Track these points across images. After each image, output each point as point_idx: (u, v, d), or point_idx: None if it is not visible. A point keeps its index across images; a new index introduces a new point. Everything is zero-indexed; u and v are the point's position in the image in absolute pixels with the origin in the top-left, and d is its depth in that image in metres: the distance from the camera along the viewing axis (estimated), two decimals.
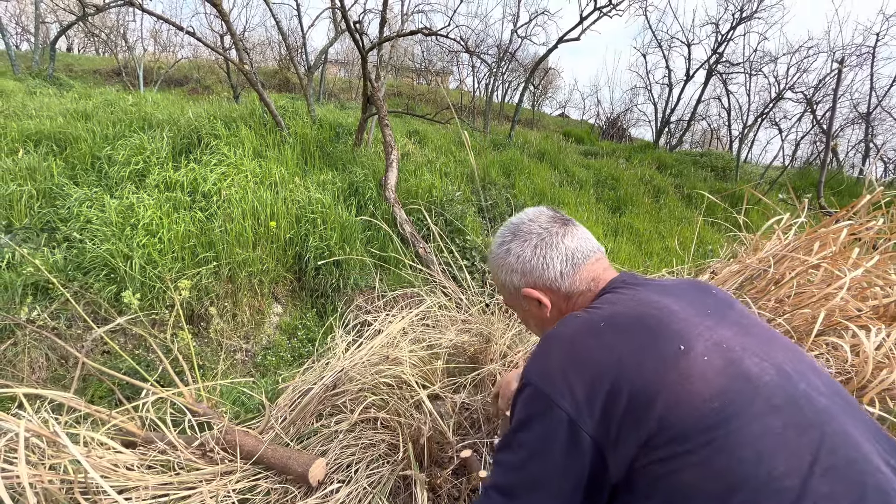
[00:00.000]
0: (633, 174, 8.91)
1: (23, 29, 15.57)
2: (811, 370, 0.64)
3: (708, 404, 0.57)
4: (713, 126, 16.90)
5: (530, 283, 0.86)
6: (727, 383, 0.58)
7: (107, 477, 1.13)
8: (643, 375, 0.60)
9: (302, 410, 1.50)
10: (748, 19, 11.46)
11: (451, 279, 2.58)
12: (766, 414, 0.56)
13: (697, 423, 0.56)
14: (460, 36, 8.51)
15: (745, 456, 0.53)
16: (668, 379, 0.59)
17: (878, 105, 11.02)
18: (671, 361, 0.61)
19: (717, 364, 0.60)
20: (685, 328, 0.65)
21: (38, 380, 2.54)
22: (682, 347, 0.62)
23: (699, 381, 0.58)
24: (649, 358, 0.62)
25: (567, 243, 0.84)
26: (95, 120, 5.06)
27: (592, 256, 0.84)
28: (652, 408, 0.58)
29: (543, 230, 0.86)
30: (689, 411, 0.57)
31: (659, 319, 0.67)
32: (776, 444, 0.54)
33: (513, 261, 0.87)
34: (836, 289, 1.43)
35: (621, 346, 0.65)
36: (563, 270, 0.83)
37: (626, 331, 0.67)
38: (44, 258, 2.97)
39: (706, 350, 0.62)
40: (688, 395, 0.58)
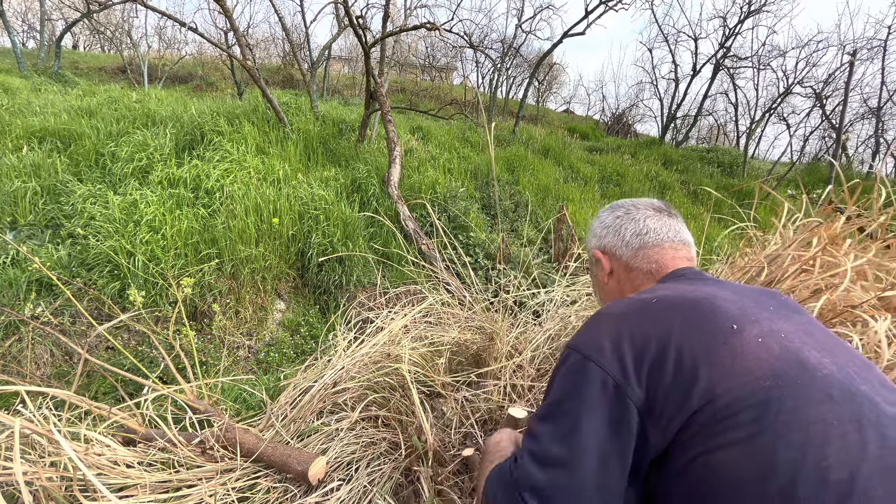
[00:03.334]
0: (638, 170, 8.83)
1: (29, 26, 15.65)
2: (878, 380, 0.59)
3: (760, 382, 0.54)
4: (720, 122, 16.74)
5: (600, 245, 0.91)
6: (782, 366, 0.56)
7: (105, 474, 1.12)
8: (693, 347, 0.58)
9: (303, 408, 1.49)
10: (756, 12, 11.30)
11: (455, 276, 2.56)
12: (823, 402, 0.53)
13: (746, 398, 0.53)
14: (464, 31, 8.45)
15: (794, 439, 0.50)
16: (718, 353, 0.57)
17: (889, 99, 10.84)
18: (722, 337, 0.59)
19: (772, 347, 0.58)
20: (740, 314, 0.63)
21: (42, 376, 2.55)
22: (735, 327, 0.60)
23: (752, 359, 0.56)
24: (700, 332, 0.60)
25: (648, 223, 0.86)
26: (99, 117, 5.07)
27: (668, 243, 0.85)
28: (699, 379, 0.56)
29: (634, 208, 0.90)
30: (739, 386, 0.54)
31: (713, 304, 0.65)
32: (829, 434, 0.50)
33: (596, 225, 0.95)
34: (833, 276, 1.41)
35: (672, 320, 0.63)
36: (629, 240, 0.86)
37: (678, 309, 0.65)
38: (48, 254, 2.97)
39: (762, 333, 0.60)
40: (739, 370, 0.56)
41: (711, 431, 0.54)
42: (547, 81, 16.51)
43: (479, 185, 5.85)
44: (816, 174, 10.42)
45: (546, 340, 1.81)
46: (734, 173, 10.71)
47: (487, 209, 5.36)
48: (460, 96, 13.87)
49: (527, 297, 2.34)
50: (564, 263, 3.08)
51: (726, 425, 0.53)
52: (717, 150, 12.44)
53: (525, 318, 2.08)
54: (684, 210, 7.48)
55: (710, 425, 0.54)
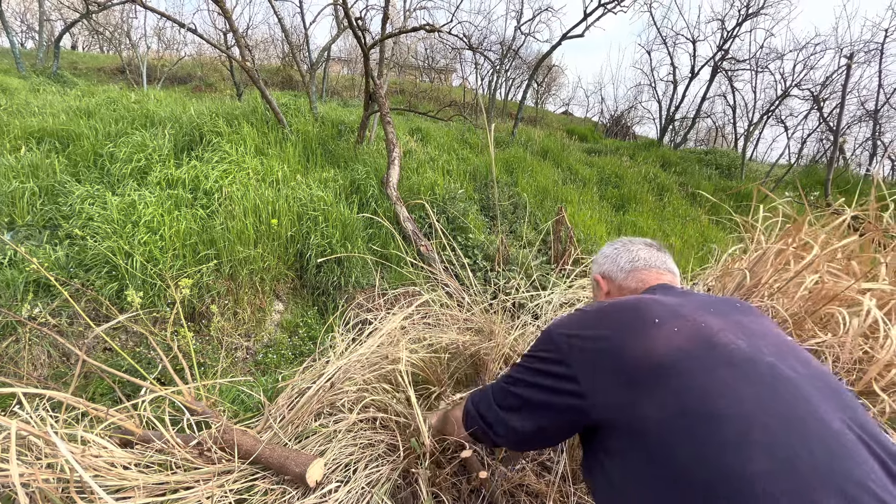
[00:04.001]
0: (636, 172, 8.85)
1: (27, 27, 15.64)
2: (793, 355, 0.71)
3: (664, 357, 0.69)
4: (718, 124, 16.80)
5: (600, 271, 1.12)
6: (687, 345, 0.70)
7: (101, 476, 1.11)
8: (622, 337, 0.76)
9: (301, 410, 1.48)
10: (754, 15, 11.36)
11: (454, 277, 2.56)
12: (719, 367, 0.66)
13: (653, 368, 0.69)
14: (463, 33, 8.47)
15: (692, 395, 0.64)
16: (638, 339, 0.74)
17: (886, 102, 10.88)
18: (645, 328, 0.75)
19: (684, 334, 0.72)
20: (670, 313, 0.78)
21: (39, 377, 2.54)
22: (657, 321, 0.76)
23: (662, 342, 0.72)
24: (630, 326, 0.78)
25: (640, 253, 1.07)
26: (98, 117, 5.07)
27: (654, 268, 1.04)
28: (622, 358, 0.73)
29: (630, 242, 1.11)
30: (648, 361, 0.70)
31: (649, 306, 0.81)
32: (721, 388, 0.63)
33: (599, 255, 1.15)
34: (810, 267, 1.43)
35: (615, 320, 0.81)
36: (623, 266, 1.06)
37: (622, 311, 0.83)
38: (46, 255, 2.97)
39: (681, 326, 0.74)
40: (650, 350, 0.71)
41: (631, 397, 0.69)
42: (546, 83, 16.54)
43: (477, 187, 5.86)
44: (814, 176, 10.46)
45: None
46: (732, 175, 10.74)
47: (486, 211, 5.37)
48: (459, 98, 13.89)
49: (525, 299, 2.34)
50: (563, 265, 3.09)
51: (641, 388, 0.68)
52: (715, 152, 12.48)
53: (524, 320, 2.08)
54: (682, 212, 7.50)
55: (629, 392, 0.70)
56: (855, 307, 1.36)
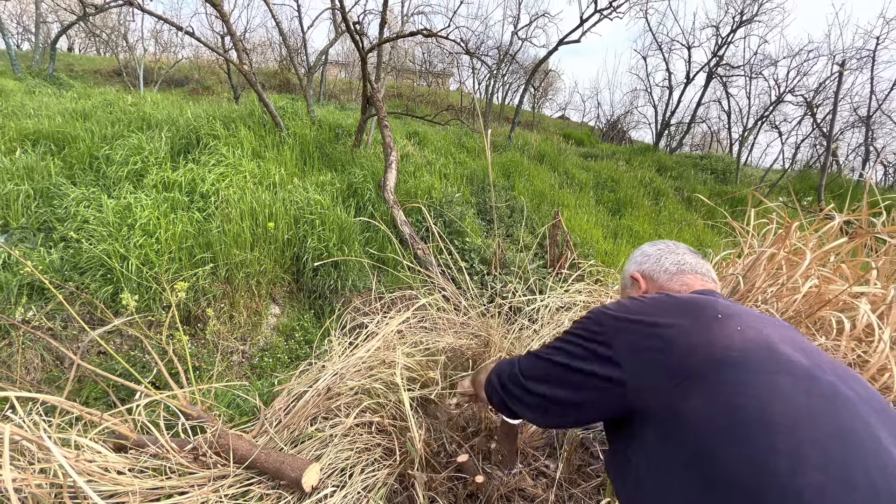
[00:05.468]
0: (632, 177, 8.90)
1: (24, 29, 15.58)
2: (850, 376, 0.67)
3: (727, 351, 0.66)
4: (713, 129, 16.92)
5: (640, 269, 1.06)
6: (749, 346, 0.67)
7: (95, 481, 1.10)
8: (681, 326, 0.72)
9: (296, 414, 1.48)
10: (748, 22, 11.48)
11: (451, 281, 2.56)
12: (780, 374, 0.63)
13: (711, 361, 0.65)
14: (460, 37, 8.51)
15: (747, 394, 0.60)
16: (699, 329, 0.70)
17: (879, 108, 11.01)
18: (707, 321, 0.72)
19: (747, 335, 0.69)
20: (729, 312, 0.74)
21: (32, 381, 2.52)
22: (720, 316, 0.72)
23: (724, 337, 0.68)
24: (691, 316, 0.74)
25: (686, 258, 1.03)
26: (94, 120, 5.05)
27: (699, 273, 1.00)
28: (678, 346, 0.69)
29: (675, 245, 1.07)
30: (707, 352, 0.66)
31: (711, 302, 0.78)
32: (780, 395, 0.60)
33: (638, 254, 1.10)
34: (804, 272, 1.44)
35: (675, 309, 0.77)
36: (668, 267, 1.02)
37: (682, 302, 0.79)
38: (40, 258, 2.95)
39: (743, 326, 0.70)
40: (711, 342, 0.68)
41: (677, 383, 0.66)
42: (542, 88, 16.64)
43: (474, 191, 5.88)
44: (808, 181, 10.55)
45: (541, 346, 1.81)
46: (727, 180, 10.82)
47: (483, 214, 5.38)
48: (457, 102, 13.94)
49: (522, 303, 2.35)
50: (559, 269, 3.10)
51: (688, 377, 0.65)
52: (710, 157, 12.58)
53: (520, 324, 2.09)
54: (678, 216, 7.54)
55: (674, 378, 0.66)
56: (848, 311, 1.37)
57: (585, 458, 1.49)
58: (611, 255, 5.20)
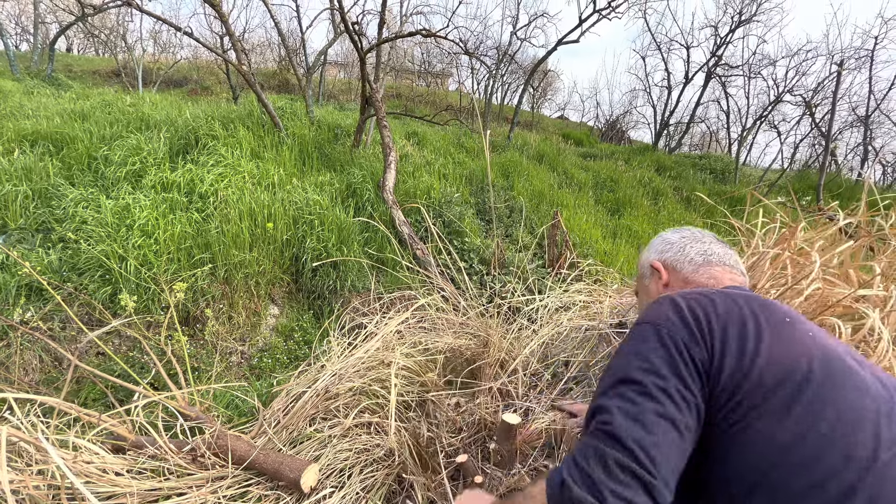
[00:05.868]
0: (632, 176, 8.91)
1: (22, 29, 15.57)
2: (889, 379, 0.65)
3: (805, 364, 0.61)
4: (712, 129, 16.95)
5: (661, 258, 0.97)
6: (828, 358, 0.62)
7: (93, 483, 1.10)
8: (754, 326, 0.66)
9: (295, 415, 1.48)
10: (747, 22, 11.50)
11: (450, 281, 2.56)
12: (860, 391, 0.59)
13: (788, 375, 0.60)
14: (459, 38, 8.52)
15: (827, 417, 0.56)
16: (772, 334, 0.65)
17: (877, 108, 11.04)
18: (780, 325, 0.66)
19: (820, 343, 0.64)
20: (790, 312, 0.70)
21: (30, 382, 2.51)
22: (788, 320, 0.67)
23: (799, 345, 0.63)
24: (756, 318, 0.67)
25: (712, 247, 0.94)
26: (93, 120, 5.04)
27: (728, 266, 0.91)
28: (753, 353, 0.63)
29: (700, 233, 0.98)
30: (785, 364, 0.61)
31: (767, 301, 0.73)
32: (861, 419, 0.56)
33: (657, 241, 1.00)
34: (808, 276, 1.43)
35: (730, 306, 0.70)
36: (693, 257, 0.92)
37: (735, 300, 0.72)
38: (38, 258, 2.94)
39: (814, 332, 0.66)
40: (788, 351, 0.62)
41: (755, 399, 0.60)
42: (542, 88, 16.64)
43: (474, 191, 5.87)
44: (806, 181, 10.57)
45: (540, 346, 1.81)
46: (726, 180, 10.83)
47: (482, 214, 5.38)
48: (456, 102, 13.94)
49: (521, 303, 2.34)
50: (559, 269, 3.09)
51: (768, 396, 0.59)
52: (709, 157, 12.59)
53: (519, 324, 2.09)
54: (677, 216, 7.55)
55: (754, 395, 0.60)
56: (847, 315, 1.36)
57: None
58: (610, 254, 5.20)
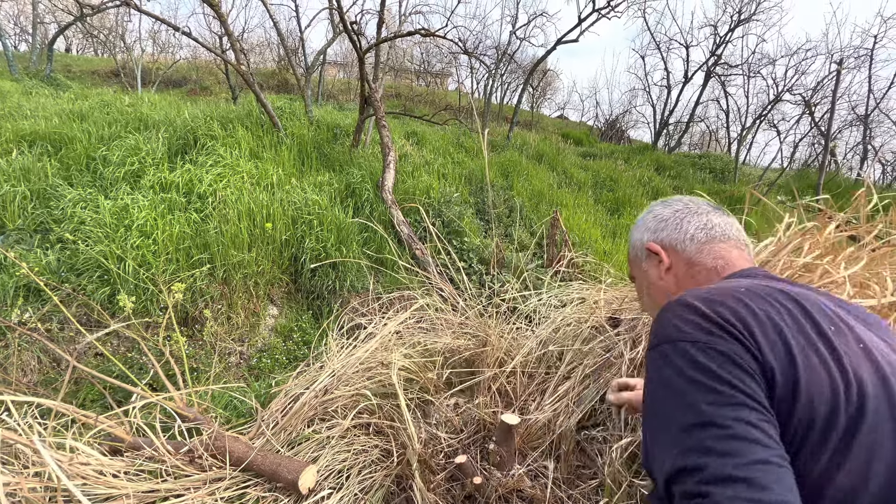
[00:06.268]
0: (631, 176, 8.90)
1: (21, 29, 15.55)
2: None
3: (858, 388, 0.50)
4: (712, 128, 16.95)
5: (657, 239, 0.83)
6: (874, 377, 0.51)
7: (89, 485, 1.10)
8: (787, 342, 0.53)
9: (294, 416, 1.47)
10: (746, 21, 11.49)
11: (448, 281, 2.56)
12: None
13: (841, 407, 0.49)
14: (459, 37, 8.51)
15: (886, 452, 0.47)
16: (815, 353, 0.53)
17: (877, 107, 11.04)
18: (822, 337, 0.54)
19: (874, 358, 0.53)
20: (836, 316, 0.58)
21: (29, 383, 2.50)
22: (833, 329, 0.55)
23: (850, 368, 0.51)
24: (797, 327, 0.55)
25: (712, 218, 0.81)
26: (91, 120, 5.03)
27: (732, 241, 0.79)
28: (796, 374, 0.51)
29: (692, 202, 0.84)
30: (834, 393, 0.50)
31: (807, 298, 0.59)
32: None
33: (649, 218, 0.86)
34: (827, 285, 1.42)
35: (766, 309, 0.56)
36: (694, 234, 0.79)
37: (770, 300, 0.58)
38: (36, 259, 2.93)
39: (860, 339, 0.55)
40: (836, 374, 0.51)
41: (802, 434, 0.50)
42: (541, 87, 16.64)
43: (473, 191, 5.87)
44: (806, 180, 10.57)
45: (538, 346, 1.81)
46: (726, 179, 10.82)
47: (481, 214, 5.37)
48: (455, 102, 13.93)
49: (519, 303, 2.34)
50: (557, 268, 3.09)
51: (822, 437, 0.49)
52: (708, 156, 12.58)
53: (518, 324, 2.08)
54: None
55: (802, 426, 0.50)
56: None
57: (583, 460, 1.49)
58: (610, 254, 5.20)
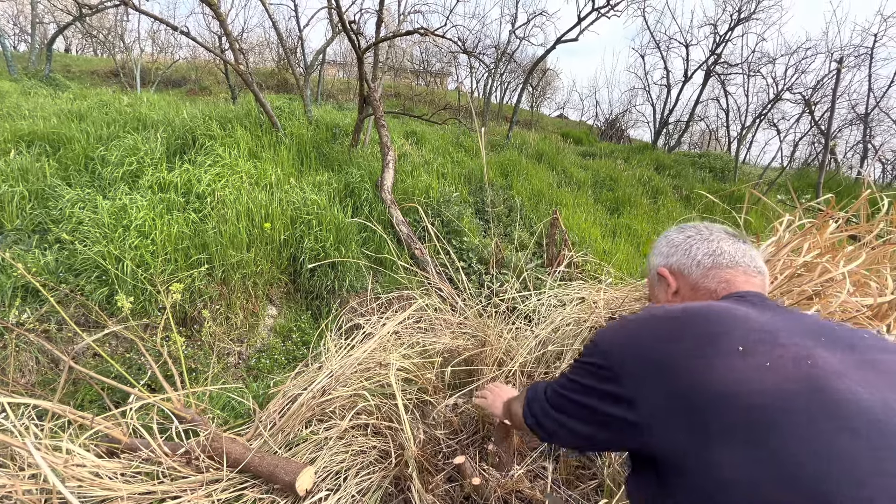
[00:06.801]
0: (631, 175, 8.89)
1: (20, 30, 15.53)
2: None
3: (747, 401, 0.54)
4: (711, 127, 16.94)
5: (667, 263, 0.89)
6: (790, 392, 0.54)
7: (85, 486, 1.09)
8: (693, 362, 0.60)
9: (291, 417, 1.47)
10: (746, 20, 11.48)
11: (447, 281, 2.55)
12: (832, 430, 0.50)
13: (733, 414, 0.54)
14: (458, 36, 8.50)
15: (791, 465, 0.49)
16: (714, 369, 0.58)
17: (877, 106, 11.02)
18: (724, 356, 0.59)
19: (781, 372, 0.56)
20: (762, 337, 0.61)
21: (27, 384, 2.50)
22: (741, 349, 0.59)
23: (745, 380, 0.56)
24: (704, 348, 0.61)
25: (722, 245, 0.84)
26: (90, 120, 5.02)
27: (741, 267, 0.82)
28: (692, 391, 0.58)
29: (706, 229, 0.89)
30: (725, 402, 0.55)
31: (736, 324, 0.64)
32: (836, 463, 0.48)
33: (663, 243, 0.93)
34: (826, 283, 1.41)
35: (689, 335, 0.64)
36: (701, 260, 0.84)
37: (698, 324, 0.65)
38: (34, 260, 2.93)
39: (776, 360, 0.57)
40: (728, 388, 0.56)
41: (697, 439, 0.56)
42: (541, 87, 16.62)
43: (472, 190, 5.86)
44: (806, 179, 10.56)
45: (537, 346, 1.80)
46: (726, 178, 10.81)
47: (481, 214, 5.37)
48: (454, 101, 13.92)
49: (519, 302, 2.33)
50: (557, 268, 3.08)
51: (708, 433, 0.55)
52: (708, 155, 12.57)
53: (517, 324, 2.08)
54: (676, 214, 7.54)
55: (694, 432, 0.56)
56: None
57: (583, 461, 1.48)
58: (609, 254, 5.19)
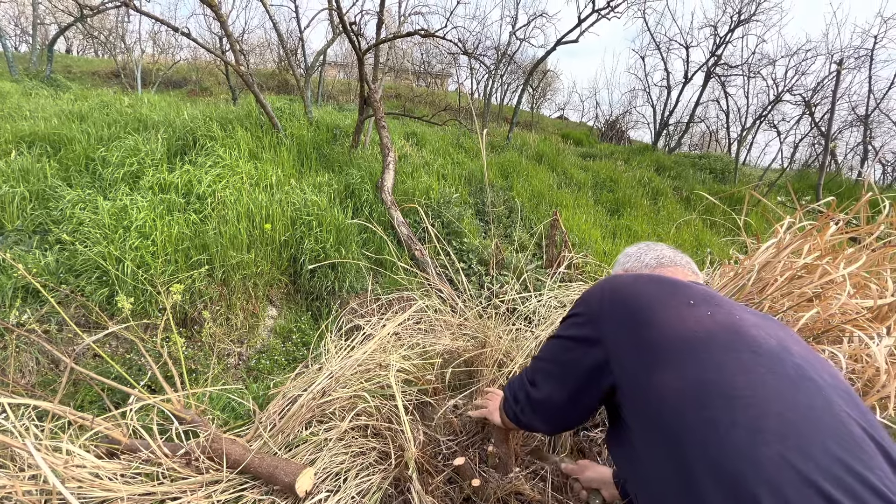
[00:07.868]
0: (631, 176, 8.89)
1: (21, 30, 15.57)
2: (821, 365, 0.70)
3: (692, 333, 0.71)
4: (712, 128, 16.94)
5: (623, 268, 1.13)
6: (717, 329, 0.71)
7: (84, 487, 1.09)
8: (654, 305, 0.78)
9: (291, 418, 1.46)
10: (746, 21, 11.49)
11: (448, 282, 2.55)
12: (744, 352, 0.67)
13: (678, 342, 0.71)
14: (458, 38, 8.51)
15: (711, 370, 0.65)
16: (670, 311, 0.76)
17: (877, 107, 11.02)
18: (679, 306, 0.77)
19: (717, 319, 0.73)
20: (704, 299, 0.78)
21: (27, 384, 2.50)
22: (692, 302, 0.77)
23: (693, 320, 0.73)
24: (664, 297, 0.80)
25: (664, 252, 1.09)
26: (90, 121, 5.03)
27: (679, 266, 1.06)
28: (650, 325, 0.75)
29: (654, 244, 1.13)
30: (675, 333, 0.72)
31: (683, 286, 0.83)
32: (742, 371, 0.64)
33: (621, 256, 1.17)
34: (826, 285, 1.41)
35: (652, 288, 0.83)
36: (648, 262, 1.08)
37: (660, 282, 0.85)
38: (35, 260, 2.93)
39: (715, 312, 0.74)
40: (679, 324, 0.73)
41: (648, 360, 0.72)
42: (541, 88, 16.63)
43: (473, 191, 5.86)
44: (806, 180, 10.56)
45: (537, 346, 1.80)
46: (726, 179, 10.81)
47: (481, 215, 5.37)
48: (455, 102, 13.93)
49: (519, 303, 2.33)
50: (557, 269, 3.08)
51: (657, 355, 0.71)
52: (708, 157, 12.57)
53: (517, 325, 2.08)
54: (676, 216, 7.53)
55: (645, 355, 0.73)
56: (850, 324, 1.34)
57: None
58: (609, 255, 5.19)
